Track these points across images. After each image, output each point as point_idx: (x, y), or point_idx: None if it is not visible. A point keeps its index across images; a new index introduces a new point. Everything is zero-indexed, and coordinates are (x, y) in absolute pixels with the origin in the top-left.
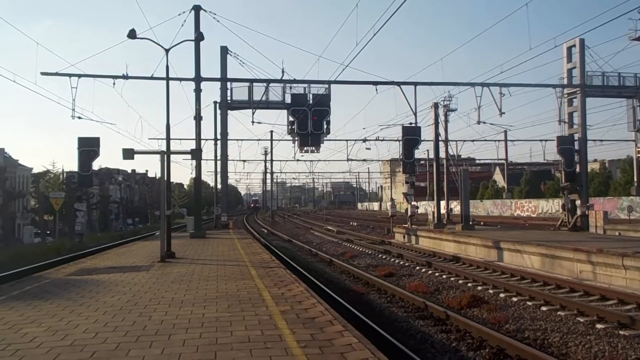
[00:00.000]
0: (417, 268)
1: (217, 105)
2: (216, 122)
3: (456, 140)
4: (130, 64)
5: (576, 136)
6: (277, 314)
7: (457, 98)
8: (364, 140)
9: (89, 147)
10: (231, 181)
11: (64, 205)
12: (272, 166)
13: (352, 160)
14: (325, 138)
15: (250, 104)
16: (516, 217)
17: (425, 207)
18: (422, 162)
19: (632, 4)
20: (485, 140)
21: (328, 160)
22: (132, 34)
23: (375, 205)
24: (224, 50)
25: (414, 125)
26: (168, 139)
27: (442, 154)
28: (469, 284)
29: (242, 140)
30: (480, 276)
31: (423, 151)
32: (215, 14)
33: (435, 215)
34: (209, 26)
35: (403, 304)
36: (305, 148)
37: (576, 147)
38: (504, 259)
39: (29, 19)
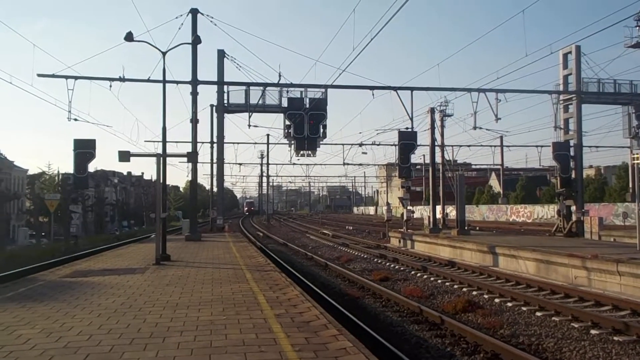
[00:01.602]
0: (413, 272)
1: (214, 108)
2: (213, 125)
3: (452, 146)
4: (127, 66)
5: (572, 142)
6: (272, 317)
7: (454, 103)
8: (360, 145)
9: (84, 149)
10: (227, 184)
11: (59, 207)
12: (268, 170)
13: (348, 164)
14: (321, 142)
15: (247, 108)
16: (512, 222)
17: (421, 211)
18: (418, 166)
19: (628, 11)
20: (481, 145)
21: (324, 164)
22: (129, 37)
23: (371, 210)
24: (221, 54)
25: (410, 130)
26: (164, 141)
27: (438, 159)
28: (464, 289)
29: (238, 143)
30: (476, 281)
31: (419, 156)
32: (212, 18)
33: (431, 220)
34: (206, 30)
35: (398, 308)
36: (301, 152)
37: (572, 153)
38: (499, 264)
39: (25, 20)
